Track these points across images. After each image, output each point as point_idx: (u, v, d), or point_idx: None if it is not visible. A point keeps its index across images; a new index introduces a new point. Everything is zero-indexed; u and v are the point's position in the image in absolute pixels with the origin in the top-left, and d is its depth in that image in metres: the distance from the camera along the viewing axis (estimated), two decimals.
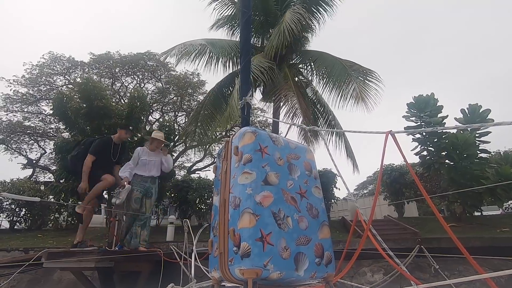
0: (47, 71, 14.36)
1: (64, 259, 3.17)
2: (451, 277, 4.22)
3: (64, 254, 3.24)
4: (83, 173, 3.84)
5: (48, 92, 14.46)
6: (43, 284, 4.89)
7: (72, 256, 3.20)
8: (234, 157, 1.24)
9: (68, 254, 3.24)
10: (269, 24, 8.85)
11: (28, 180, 10.35)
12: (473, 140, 6.65)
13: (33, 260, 3.23)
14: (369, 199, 16.02)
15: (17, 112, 14.38)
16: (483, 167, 6.61)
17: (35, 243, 6.50)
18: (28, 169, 15.94)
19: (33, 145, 15.55)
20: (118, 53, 14.93)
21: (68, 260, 3.16)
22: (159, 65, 15.23)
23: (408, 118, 7.72)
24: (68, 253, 3.30)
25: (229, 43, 8.66)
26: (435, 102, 7.36)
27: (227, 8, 9.00)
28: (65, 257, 3.19)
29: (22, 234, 7.91)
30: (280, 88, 7.34)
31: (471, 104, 7.04)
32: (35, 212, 8.72)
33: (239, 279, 1.05)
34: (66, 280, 4.80)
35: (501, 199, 6.60)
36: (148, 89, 15.98)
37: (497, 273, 1.05)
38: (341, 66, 7.54)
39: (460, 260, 4.40)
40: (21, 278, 4.92)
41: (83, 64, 14.82)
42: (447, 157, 7.03)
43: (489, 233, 5.78)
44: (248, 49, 1.89)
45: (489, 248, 4.42)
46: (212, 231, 1.25)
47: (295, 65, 9.07)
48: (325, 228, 1.27)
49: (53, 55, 14.44)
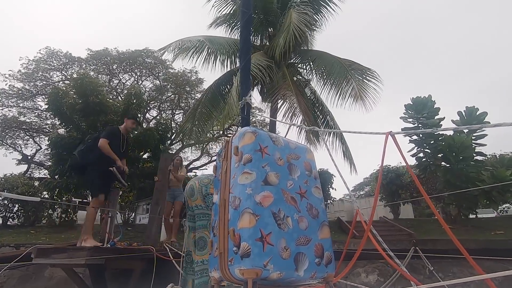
0: (43, 66, 14.24)
1: (54, 255, 3.11)
2: (445, 279, 4.21)
3: (54, 251, 3.18)
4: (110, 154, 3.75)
5: (44, 87, 14.33)
6: (34, 281, 4.82)
7: (63, 253, 3.15)
8: (234, 157, 1.25)
9: (58, 251, 3.19)
10: (269, 22, 8.82)
11: (22, 176, 10.24)
12: (469, 142, 6.66)
13: (23, 256, 3.17)
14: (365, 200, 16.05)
15: (12, 107, 14.25)
16: (479, 169, 6.63)
17: (27, 239, 6.42)
18: (23, 164, 15.81)
19: (28, 141, 15.41)
20: (116, 50, 14.85)
21: (58, 256, 3.10)
22: (157, 63, 15.16)
23: (405, 120, 7.74)
24: (58, 249, 3.24)
25: (227, 40, 8.62)
26: (432, 104, 7.38)
27: (226, 6, 8.96)
28: (55, 253, 3.13)
29: (15, 230, 7.82)
30: (279, 88, 7.31)
31: (468, 107, 7.06)
32: (28, 208, 8.63)
33: (239, 279, 1.05)
34: (58, 277, 4.74)
35: (496, 202, 6.62)
36: (145, 86, 15.92)
37: (495, 274, 1.05)
38: (340, 65, 7.52)
39: (454, 262, 4.39)
40: (11, 275, 4.85)
41: (80, 60, 14.71)
42: (443, 159, 7.05)
43: (484, 236, 5.79)
44: (248, 49, 1.88)
45: (484, 250, 4.41)
46: (212, 231, 1.25)
47: (293, 64, 9.05)
48: (325, 228, 1.28)
49: (50, 50, 14.33)
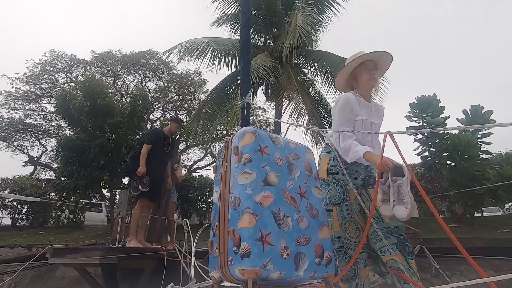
0: (49, 68, 14.38)
1: (69, 255, 3.19)
2: (452, 277, 4.22)
3: (68, 251, 3.26)
4: (141, 158, 3.97)
5: (50, 90, 14.48)
6: (46, 281, 4.91)
7: (77, 253, 3.23)
8: (234, 157, 1.24)
9: (73, 251, 3.27)
10: (273, 23, 8.85)
11: (30, 178, 10.37)
12: (475, 141, 6.65)
13: (38, 256, 3.25)
14: None
15: (18, 109, 14.41)
16: (485, 168, 6.61)
17: (37, 240, 6.53)
18: (29, 166, 15.98)
19: (34, 143, 15.58)
20: (120, 52, 14.95)
21: (73, 256, 3.18)
22: (161, 64, 15.23)
23: (410, 119, 7.72)
24: (72, 249, 3.33)
25: (231, 41, 8.67)
26: (437, 103, 7.36)
27: (230, 6, 9.01)
28: (69, 253, 3.21)
29: (24, 231, 7.94)
30: (284, 88, 7.35)
31: (473, 105, 7.04)
32: (36, 210, 8.75)
33: (239, 279, 1.05)
34: (69, 277, 4.82)
35: (502, 200, 6.60)
36: (149, 87, 16.01)
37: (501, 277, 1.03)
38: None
39: (461, 261, 4.40)
40: (24, 275, 4.94)
41: (85, 62, 14.82)
42: (448, 157, 7.03)
43: (490, 234, 5.79)
44: (248, 49, 1.87)
45: (490, 248, 4.43)
46: (212, 231, 1.25)
47: (298, 65, 9.08)
48: (325, 228, 1.28)
49: (55, 53, 14.46)
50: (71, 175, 7.02)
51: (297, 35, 6.77)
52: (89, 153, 6.89)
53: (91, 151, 6.87)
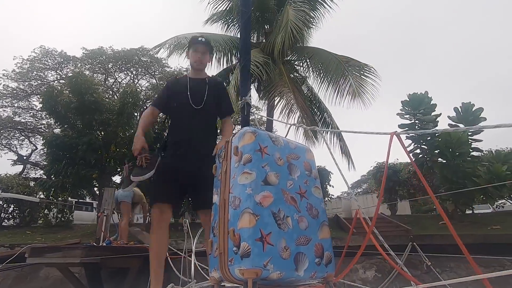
0: (38, 65, 14.09)
1: (49, 254, 3.07)
2: (442, 274, 4.21)
3: (48, 250, 3.14)
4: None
5: (39, 87, 14.18)
6: (29, 281, 4.77)
7: (57, 252, 3.11)
8: (234, 157, 1.25)
9: (53, 250, 3.14)
10: (265, 19, 8.78)
11: (17, 176, 10.14)
12: (466, 138, 6.68)
13: (16, 256, 3.13)
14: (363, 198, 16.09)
15: (7, 107, 14.12)
16: (475, 165, 6.65)
17: (23, 240, 6.35)
18: (18, 165, 15.66)
19: (24, 141, 15.27)
20: (111, 49, 14.72)
21: (52, 255, 3.06)
22: (153, 61, 15.06)
23: (402, 116, 7.75)
24: (52, 248, 3.20)
25: (223, 37, 8.57)
26: (429, 100, 7.40)
27: (222, 3, 8.90)
28: (49, 252, 3.09)
29: (10, 230, 7.75)
30: (276, 85, 7.28)
31: (464, 103, 7.08)
32: (24, 209, 8.54)
33: (239, 279, 1.05)
34: (53, 277, 4.68)
35: (493, 198, 6.65)
36: (141, 85, 15.80)
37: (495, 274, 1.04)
38: (337, 62, 7.50)
39: (451, 257, 4.40)
40: (7, 275, 4.79)
41: (75, 59, 14.58)
42: (440, 155, 7.06)
43: (481, 231, 5.81)
44: (248, 49, 1.86)
45: (481, 245, 4.43)
46: (212, 231, 1.25)
47: (290, 61, 9.02)
48: (325, 228, 1.29)
49: (44, 49, 14.18)
50: (59, 173, 6.87)
51: (289, 30, 6.70)
52: (77, 150, 6.74)
53: (79, 149, 6.71)
